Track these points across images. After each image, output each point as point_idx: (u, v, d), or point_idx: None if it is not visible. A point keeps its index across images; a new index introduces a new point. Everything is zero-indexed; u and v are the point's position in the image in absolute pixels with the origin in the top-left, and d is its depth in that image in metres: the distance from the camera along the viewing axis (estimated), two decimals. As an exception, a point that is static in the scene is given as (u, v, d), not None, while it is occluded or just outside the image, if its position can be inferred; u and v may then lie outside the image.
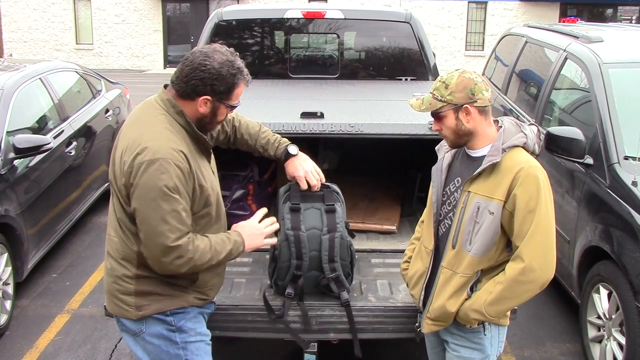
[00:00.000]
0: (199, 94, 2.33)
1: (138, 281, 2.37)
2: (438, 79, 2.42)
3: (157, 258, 2.27)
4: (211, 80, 2.31)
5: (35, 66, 5.96)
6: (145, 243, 2.28)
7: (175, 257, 2.26)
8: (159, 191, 2.21)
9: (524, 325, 4.54)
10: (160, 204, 2.22)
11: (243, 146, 2.94)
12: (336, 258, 2.99)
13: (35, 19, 23.28)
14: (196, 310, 2.50)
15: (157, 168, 2.21)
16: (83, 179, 6.05)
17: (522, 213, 2.29)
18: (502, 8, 22.78)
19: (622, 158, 3.89)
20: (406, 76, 5.25)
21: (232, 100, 2.41)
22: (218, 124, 2.49)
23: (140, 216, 2.25)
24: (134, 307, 2.39)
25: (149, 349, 2.46)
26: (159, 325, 2.42)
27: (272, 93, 4.62)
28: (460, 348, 2.54)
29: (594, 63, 4.53)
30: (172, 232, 2.24)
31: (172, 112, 2.34)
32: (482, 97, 2.35)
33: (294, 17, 5.27)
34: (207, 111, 2.37)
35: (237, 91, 2.40)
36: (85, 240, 6.07)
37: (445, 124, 2.41)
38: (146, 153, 2.22)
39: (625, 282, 3.54)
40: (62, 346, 4.27)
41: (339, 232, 2.98)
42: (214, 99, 2.35)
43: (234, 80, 2.36)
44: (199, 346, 2.51)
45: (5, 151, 4.69)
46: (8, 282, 4.57)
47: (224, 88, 2.34)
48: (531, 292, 2.33)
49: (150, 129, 2.30)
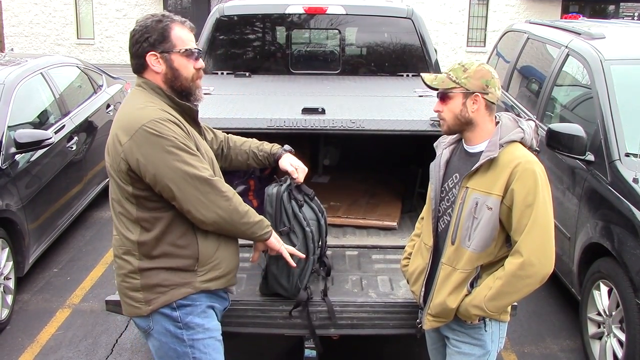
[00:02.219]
0: (143, 55, 2.34)
1: (143, 275, 2.36)
2: (457, 63, 2.45)
3: (202, 201, 2.28)
4: (142, 36, 2.33)
5: (37, 61, 5.96)
6: (184, 199, 2.27)
7: (218, 192, 2.31)
8: (166, 142, 2.23)
9: (524, 321, 4.55)
10: (175, 152, 2.24)
11: (237, 154, 2.86)
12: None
13: (36, 14, 23.23)
14: (205, 304, 2.45)
15: (154, 127, 2.23)
16: (84, 174, 6.05)
17: (520, 208, 2.29)
18: (504, 4, 22.73)
19: (623, 155, 3.89)
20: (408, 72, 5.24)
21: (177, 46, 2.36)
22: (191, 80, 2.41)
23: (163, 178, 2.24)
24: (143, 302, 2.38)
25: (157, 345, 2.46)
26: (166, 321, 2.40)
27: (274, 89, 4.62)
28: (461, 344, 2.55)
29: (595, 60, 4.52)
30: (203, 170, 2.29)
31: (152, 92, 2.37)
32: (493, 92, 2.39)
33: (295, 12, 5.26)
34: (163, 68, 2.36)
35: (174, 34, 2.36)
36: (86, 235, 6.08)
37: (449, 106, 2.41)
38: (138, 120, 2.24)
39: (626, 279, 3.54)
40: (63, 341, 4.28)
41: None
42: (158, 53, 2.34)
43: (163, 25, 2.35)
44: (208, 343, 2.46)
45: (7, 146, 4.70)
46: (9, 276, 4.58)
47: (157, 35, 2.33)
48: (531, 287, 2.33)
49: (134, 105, 2.33)
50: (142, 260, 2.36)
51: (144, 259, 2.36)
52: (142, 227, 2.34)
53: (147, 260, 2.36)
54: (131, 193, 2.31)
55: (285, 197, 2.87)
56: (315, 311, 3.04)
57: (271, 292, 3.04)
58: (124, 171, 2.28)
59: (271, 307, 3.06)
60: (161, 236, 2.34)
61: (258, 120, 3.49)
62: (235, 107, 3.79)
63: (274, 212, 2.85)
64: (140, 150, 2.23)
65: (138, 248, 2.35)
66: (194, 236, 2.37)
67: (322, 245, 3.15)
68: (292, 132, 3.50)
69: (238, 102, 4.01)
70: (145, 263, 2.36)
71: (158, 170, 2.24)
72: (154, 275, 2.36)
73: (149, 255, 2.35)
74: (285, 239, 2.82)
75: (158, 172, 2.24)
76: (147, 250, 2.35)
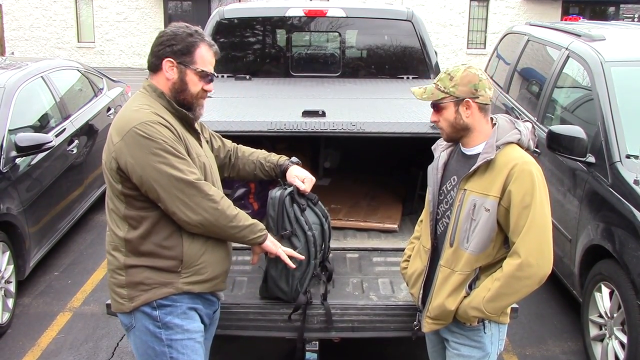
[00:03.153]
0: (161, 58, 2.39)
1: (128, 272, 2.40)
2: (443, 71, 2.45)
3: (186, 203, 2.30)
4: (169, 40, 2.39)
5: (37, 64, 5.96)
6: (169, 201, 2.30)
7: (204, 196, 2.32)
8: (154, 144, 2.27)
9: (525, 323, 4.54)
10: (162, 155, 2.28)
11: (245, 164, 2.88)
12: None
13: (37, 17, 23.27)
14: (186, 305, 2.45)
15: (144, 129, 2.27)
16: (85, 177, 6.06)
17: (517, 209, 2.29)
18: (504, 6, 22.74)
19: (624, 156, 3.88)
20: (408, 74, 5.24)
21: (196, 64, 2.41)
22: (195, 97, 2.45)
23: (149, 179, 2.28)
24: (127, 299, 2.41)
25: (137, 343, 2.48)
26: (146, 320, 2.42)
27: (274, 91, 4.63)
28: (461, 346, 2.54)
29: (596, 61, 4.52)
30: (189, 174, 2.32)
31: (154, 95, 2.41)
32: (484, 94, 2.37)
33: (296, 15, 5.27)
34: (175, 77, 2.40)
35: (199, 52, 2.41)
36: (87, 238, 6.08)
37: (444, 115, 2.42)
38: (130, 122, 2.29)
39: (627, 281, 3.54)
40: (64, 344, 4.28)
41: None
42: (177, 62, 2.38)
43: (192, 39, 2.40)
44: (186, 344, 2.45)
45: (7, 149, 4.70)
46: (10, 280, 4.58)
47: (182, 46, 2.38)
48: (529, 288, 2.33)
49: (130, 107, 2.38)
50: (128, 257, 2.40)
51: (130, 256, 2.40)
52: (130, 224, 2.39)
53: (133, 257, 2.39)
54: (120, 191, 2.36)
55: (287, 201, 2.86)
56: (315, 314, 3.03)
57: (271, 296, 3.04)
58: (114, 169, 2.33)
59: (271, 310, 3.06)
60: (147, 235, 2.37)
61: (258, 123, 3.50)
62: (236, 110, 3.79)
63: (276, 216, 2.85)
64: (129, 151, 2.28)
65: (125, 245, 2.40)
66: (180, 238, 2.40)
67: (325, 250, 3.15)
68: (292, 134, 3.50)
69: (238, 105, 4.01)
70: (130, 260, 2.39)
71: (144, 172, 2.28)
72: (138, 272, 2.39)
73: (135, 252, 2.39)
74: (287, 243, 2.83)
75: (144, 174, 2.28)
76: (133, 247, 2.39)
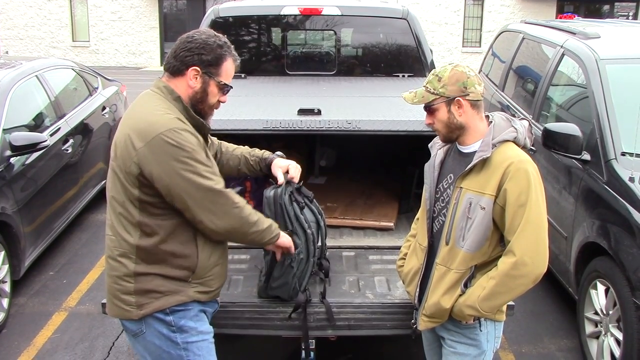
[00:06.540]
0: (188, 65, 2.36)
1: (137, 279, 2.35)
2: (431, 73, 2.44)
3: (215, 212, 2.31)
4: (198, 49, 2.36)
5: (32, 63, 5.94)
6: (198, 210, 2.29)
7: (232, 204, 2.34)
8: (182, 153, 2.24)
9: (521, 321, 4.55)
10: (190, 163, 2.26)
11: (229, 159, 2.84)
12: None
13: (31, 16, 23.20)
14: (197, 308, 2.46)
15: (173, 136, 2.23)
16: (80, 176, 6.04)
17: (513, 207, 2.29)
18: (499, 4, 22.78)
19: (619, 154, 3.89)
20: (403, 73, 5.24)
21: (221, 76, 2.41)
22: (211, 107, 2.46)
23: (176, 188, 2.25)
24: (135, 307, 2.37)
25: (151, 348, 2.44)
26: (159, 325, 2.40)
27: (269, 90, 4.62)
28: (456, 344, 2.55)
29: (591, 59, 4.53)
30: (218, 182, 2.33)
31: (170, 98, 2.36)
32: (474, 91, 2.36)
33: (291, 13, 5.26)
34: (198, 86, 2.38)
35: (225, 66, 2.42)
36: (82, 238, 6.06)
37: (437, 117, 2.42)
38: (154, 127, 2.24)
39: (623, 278, 3.55)
40: (59, 344, 4.26)
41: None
42: (202, 71, 2.36)
43: (222, 51, 2.40)
44: (201, 345, 2.47)
45: (2, 149, 4.68)
46: (5, 280, 4.56)
47: (211, 57, 2.37)
48: (524, 287, 2.33)
49: (151, 110, 2.32)
50: (139, 264, 2.35)
51: (141, 263, 2.35)
52: (143, 231, 2.33)
53: (144, 265, 2.35)
54: (137, 197, 2.30)
55: (287, 200, 2.84)
56: (313, 313, 3.03)
57: (270, 295, 3.03)
58: (133, 174, 2.27)
59: (268, 309, 3.05)
60: (161, 243, 2.33)
61: (254, 122, 3.49)
62: (231, 109, 3.78)
63: (273, 215, 2.83)
64: (155, 159, 2.23)
65: (136, 252, 2.34)
66: (195, 248, 2.38)
67: (322, 247, 3.14)
68: (288, 133, 3.49)
69: (234, 103, 4.00)
70: (141, 267, 2.35)
71: (172, 180, 2.25)
72: (148, 280, 2.35)
73: (146, 260, 2.34)
74: None
75: (172, 182, 2.25)
76: (144, 254, 2.34)
